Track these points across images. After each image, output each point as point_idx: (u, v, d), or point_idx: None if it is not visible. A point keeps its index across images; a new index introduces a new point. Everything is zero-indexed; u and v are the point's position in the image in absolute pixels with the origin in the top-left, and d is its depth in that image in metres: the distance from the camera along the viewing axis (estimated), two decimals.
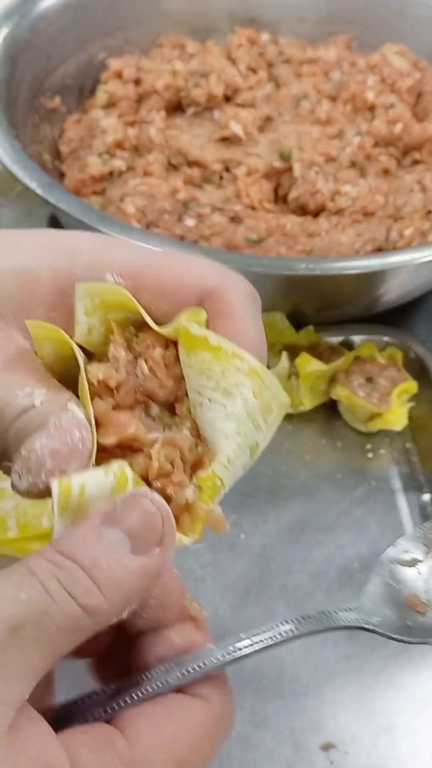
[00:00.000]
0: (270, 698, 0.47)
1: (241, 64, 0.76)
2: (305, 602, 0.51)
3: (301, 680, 0.48)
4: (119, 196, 0.66)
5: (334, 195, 0.66)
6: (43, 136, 0.72)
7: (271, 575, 0.53)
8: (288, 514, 0.56)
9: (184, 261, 0.31)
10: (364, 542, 0.55)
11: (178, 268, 0.30)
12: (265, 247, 0.63)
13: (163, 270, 0.30)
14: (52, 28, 0.73)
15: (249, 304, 0.30)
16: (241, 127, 0.70)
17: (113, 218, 0.57)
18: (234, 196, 0.67)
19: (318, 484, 0.58)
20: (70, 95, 0.76)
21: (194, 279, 0.30)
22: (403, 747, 0.46)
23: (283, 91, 0.75)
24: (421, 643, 0.34)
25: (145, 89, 0.74)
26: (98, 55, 0.78)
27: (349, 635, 0.50)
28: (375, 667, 0.49)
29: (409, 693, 0.48)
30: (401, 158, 0.71)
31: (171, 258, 0.31)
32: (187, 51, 0.78)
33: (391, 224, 0.65)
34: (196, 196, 0.66)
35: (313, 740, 0.46)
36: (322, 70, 0.77)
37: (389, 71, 0.74)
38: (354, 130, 0.71)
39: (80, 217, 0.56)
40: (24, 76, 0.70)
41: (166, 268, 0.30)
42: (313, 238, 0.64)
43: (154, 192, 0.65)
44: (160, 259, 0.31)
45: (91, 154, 0.70)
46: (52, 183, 0.58)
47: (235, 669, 0.48)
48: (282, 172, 0.69)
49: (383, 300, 0.63)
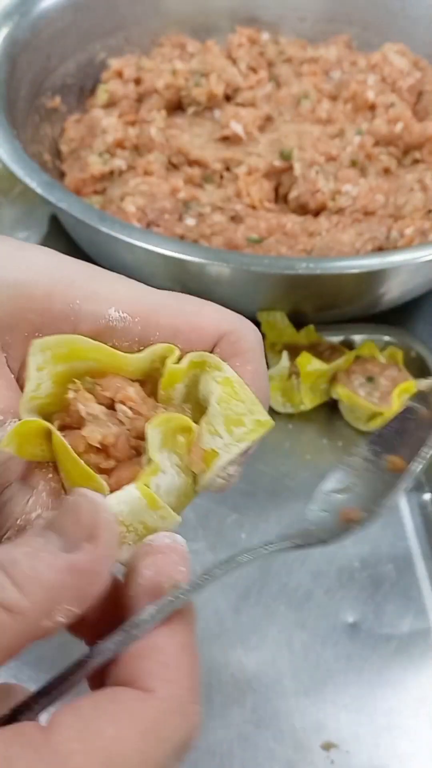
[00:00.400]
0: (271, 698, 0.47)
1: (241, 64, 0.76)
2: (305, 602, 0.51)
3: (302, 680, 0.48)
4: (120, 196, 0.66)
5: (334, 194, 0.66)
6: (44, 136, 0.72)
7: (271, 575, 0.53)
8: (289, 513, 0.56)
9: (197, 304, 0.32)
10: (365, 542, 0.54)
11: (192, 309, 0.31)
12: (266, 246, 0.63)
13: (178, 310, 0.31)
14: (53, 28, 0.73)
15: (260, 348, 0.32)
16: (242, 126, 0.70)
17: (114, 217, 0.57)
18: (234, 196, 0.67)
19: (318, 484, 0.57)
20: (71, 95, 0.76)
21: (212, 321, 0.31)
22: (404, 746, 0.46)
23: (284, 90, 0.75)
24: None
25: (146, 89, 0.74)
26: (99, 54, 0.78)
27: (349, 636, 0.50)
28: (375, 667, 0.49)
29: (409, 692, 0.48)
30: (402, 157, 0.71)
31: (182, 299, 0.32)
32: (187, 50, 0.78)
33: (391, 223, 0.65)
34: (197, 195, 0.66)
35: (314, 739, 0.46)
36: (322, 69, 0.77)
37: (390, 70, 0.74)
38: (354, 129, 0.70)
39: (81, 216, 0.56)
40: (24, 75, 0.70)
41: (180, 308, 0.31)
42: (313, 237, 0.64)
43: (155, 191, 0.65)
44: (172, 300, 0.31)
45: (92, 154, 0.70)
46: (53, 182, 0.58)
47: (236, 668, 0.48)
48: (282, 171, 0.69)
49: (384, 299, 0.63)
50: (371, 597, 0.52)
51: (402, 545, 0.55)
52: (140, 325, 0.30)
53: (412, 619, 0.51)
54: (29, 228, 0.73)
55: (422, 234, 0.64)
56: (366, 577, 0.53)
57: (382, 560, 0.54)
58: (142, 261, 0.58)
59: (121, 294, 0.31)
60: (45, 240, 0.72)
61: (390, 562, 0.54)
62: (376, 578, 0.53)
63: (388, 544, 0.55)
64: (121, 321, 0.30)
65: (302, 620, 0.51)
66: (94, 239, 0.63)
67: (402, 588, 0.53)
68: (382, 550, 0.54)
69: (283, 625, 0.50)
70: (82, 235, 0.66)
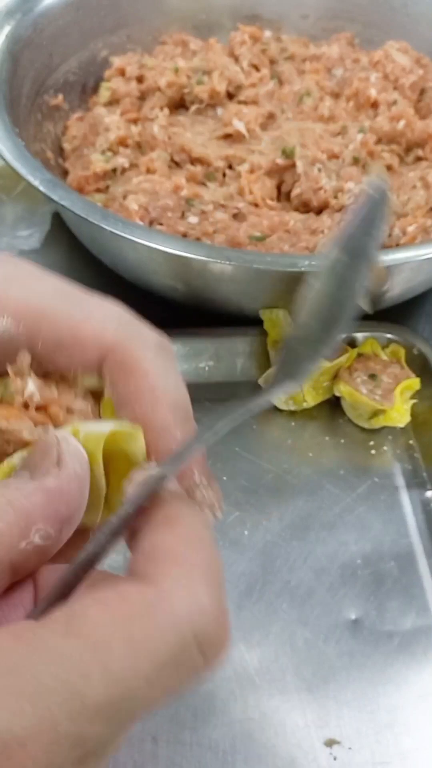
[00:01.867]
0: (273, 694, 0.47)
1: (243, 62, 0.76)
2: (308, 599, 0.51)
3: (304, 677, 0.48)
4: (122, 194, 0.66)
5: (337, 192, 0.66)
6: (46, 134, 0.72)
7: (273, 572, 0.53)
8: (291, 511, 0.56)
9: (84, 308, 0.28)
10: (367, 539, 0.55)
11: (78, 317, 0.27)
12: (268, 244, 0.63)
13: (61, 318, 0.27)
14: (55, 26, 0.73)
15: (160, 357, 0.28)
16: (244, 124, 0.70)
17: (116, 215, 0.57)
18: (237, 194, 0.67)
19: (321, 481, 0.58)
20: (73, 93, 0.76)
21: (93, 332, 0.27)
22: (407, 743, 0.46)
23: (286, 88, 0.75)
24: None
25: (148, 86, 0.74)
26: (101, 52, 0.78)
27: (351, 633, 0.50)
28: (378, 664, 0.49)
29: (412, 689, 0.48)
30: (404, 155, 0.71)
31: (73, 300, 0.28)
32: (189, 48, 0.78)
33: (394, 221, 0.65)
34: (199, 193, 0.66)
35: (316, 736, 0.46)
36: (324, 67, 0.77)
37: (392, 68, 0.74)
38: (357, 127, 0.70)
39: (83, 214, 0.56)
40: (27, 73, 0.70)
41: (65, 315, 0.27)
42: (316, 235, 0.64)
43: (157, 189, 0.65)
44: (59, 304, 0.27)
45: (94, 152, 0.70)
46: (55, 180, 0.58)
47: (238, 665, 0.48)
48: (285, 169, 0.69)
49: (386, 297, 0.63)
50: (374, 594, 0.52)
51: (404, 542, 0.55)
52: (24, 334, 0.27)
53: (414, 616, 0.51)
54: (32, 226, 0.73)
55: (425, 231, 0.64)
56: (368, 574, 0.53)
57: (385, 557, 0.54)
58: (145, 259, 0.58)
59: (12, 295, 0.27)
60: (47, 238, 0.72)
61: (392, 559, 0.54)
62: (378, 575, 0.53)
63: (390, 542, 0.55)
64: (4, 328, 0.27)
65: (304, 617, 0.51)
66: (96, 237, 0.63)
67: (404, 585, 0.53)
68: (384, 547, 0.54)
69: (285, 622, 0.51)
70: (85, 233, 0.66)
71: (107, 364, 0.28)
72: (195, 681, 0.24)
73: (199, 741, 0.46)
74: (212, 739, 0.46)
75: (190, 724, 0.46)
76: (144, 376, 0.27)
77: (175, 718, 0.46)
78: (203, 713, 0.46)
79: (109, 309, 0.28)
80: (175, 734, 0.46)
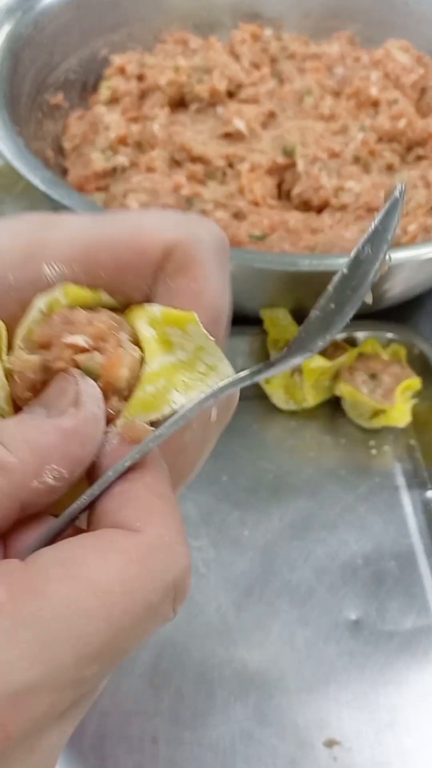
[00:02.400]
0: (273, 695, 0.47)
1: (244, 60, 0.76)
2: (308, 598, 0.51)
3: (305, 677, 0.48)
4: (122, 192, 0.66)
5: (337, 191, 0.66)
6: (46, 133, 0.72)
7: (274, 572, 0.53)
8: (291, 510, 0.56)
9: (132, 221, 0.27)
10: (368, 539, 0.54)
11: (129, 231, 0.26)
12: (269, 243, 0.63)
13: (116, 236, 0.26)
14: (55, 24, 0.73)
15: (214, 258, 0.27)
16: (245, 123, 0.70)
17: None
18: (237, 192, 0.67)
19: (321, 481, 0.58)
20: (73, 91, 0.76)
21: (152, 235, 0.26)
22: (407, 743, 0.46)
23: (287, 86, 0.75)
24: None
25: (148, 85, 0.74)
26: (101, 51, 0.78)
27: (352, 633, 0.50)
28: (378, 664, 0.49)
29: (412, 689, 0.48)
30: (405, 154, 0.71)
31: (119, 220, 0.27)
32: (190, 47, 0.77)
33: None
34: (200, 192, 0.66)
35: (316, 736, 0.46)
36: (325, 65, 0.77)
37: (393, 67, 0.74)
38: (357, 125, 0.70)
39: (84, 213, 0.56)
40: (27, 72, 0.70)
41: (118, 232, 0.26)
42: (316, 234, 0.64)
43: (158, 188, 0.65)
44: (109, 226, 0.26)
45: (95, 151, 0.70)
46: (55, 179, 0.58)
47: (239, 665, 0.48)
48: (285, 167, 0.69)
49: (387, 296, 0.63)
50: (374, 594, 0.52)
51: (405, 542, 0.55)
52: (82, 272, 0.26)
53: (414, 616, 0.51)
54: None
55: (425, 230, 0.64)
56: (369, 574, 0.53)
57: (385, 557, 0.54)
58: None
59: (51, 240, 0.26)
60: None
61: (393, 559, 0.54)
62: (378, 575, 0.53)
63: (391, 541, 0.55)
64: (59, 276, 0.26)
65: (305, 617, 0.51)
66: None
67: (405, 585, 0.53)
68: (384, 547, 0.54)
69: (285, 622, 0.50)
70: None
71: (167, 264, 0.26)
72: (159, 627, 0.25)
73: (199, 741, 0.46)
74: (212, 739, 0.46)
75: (190, 724, 0.46)
76: (195, 280, 0.26)
77: (175, 718, 0.46)
78: (203, 713, 0.46)
79: (159, 212, 0.28)
80: (175, 734, 0.45)
